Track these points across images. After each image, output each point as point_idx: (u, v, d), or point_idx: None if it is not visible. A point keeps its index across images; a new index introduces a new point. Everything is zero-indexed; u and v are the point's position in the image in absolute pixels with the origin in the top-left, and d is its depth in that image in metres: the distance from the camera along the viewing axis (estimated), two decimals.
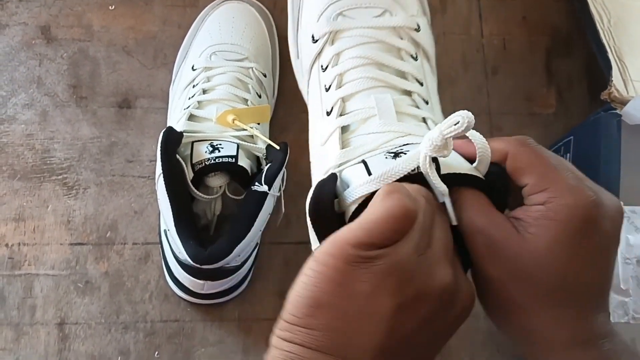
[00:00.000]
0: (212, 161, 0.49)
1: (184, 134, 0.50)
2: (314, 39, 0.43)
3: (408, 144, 0.36)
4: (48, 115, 0.62)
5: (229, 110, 0.52)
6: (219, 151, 0.50)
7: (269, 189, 0.49)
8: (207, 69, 0.56)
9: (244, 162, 0.50)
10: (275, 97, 0.62)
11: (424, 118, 0.40)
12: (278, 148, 0.50)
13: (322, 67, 0.43)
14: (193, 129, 0.52)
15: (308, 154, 0.45)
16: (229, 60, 0.57)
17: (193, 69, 0.57)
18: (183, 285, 0.54)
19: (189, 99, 0.55)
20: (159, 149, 0.47)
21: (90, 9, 0.66)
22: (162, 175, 0.47)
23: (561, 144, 0.61)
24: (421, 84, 0.41)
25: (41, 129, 0.62)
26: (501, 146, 0.33)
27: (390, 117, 0.38)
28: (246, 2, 0.63)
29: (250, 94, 0.56)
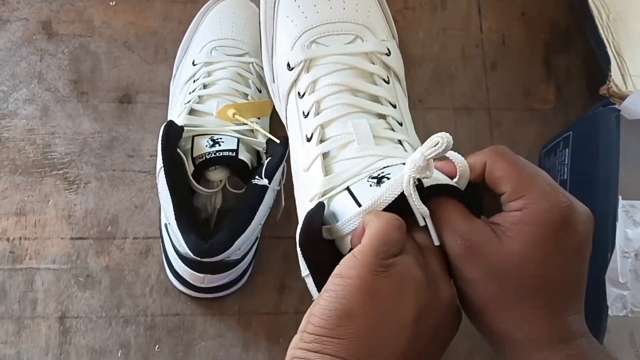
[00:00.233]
0: (213, 155, 0.49)
1: (184, 128, 0.50)
2: (289, 67, 0.44)
3: (387, 166, 0.38)
4: (49, 110, 0.62)
5: (229, 104, 0.53)
6: (220, 145, 0.50)
7: (269, 183, 0.49)
8: (208, 64, 0.57)
9: (244, 156, 0.51)
10: None
11: (399, 140, 0.41)
12: (278, 142, 0.51)
13: (299, 93, 0.44)
14: (194, 123, 0.52)
15: None
16: (229, 55, 0.58)
17: (194, 64, 0.57)
18: (183, 279, 0.54)
19: (190, 93, 0.55)
20: (160, 142, 0.47)
21: (91, 4, 0.66)
22: (162, 168, 0.47)
23: (560, 139, 0.61)
24: (394, 107, 0.43)
25: (42, 123, 0.62)
26: (479, 158, 0.35)
27: (368, 142, 0.40)
28: None
29: (251, 88, 0.56)
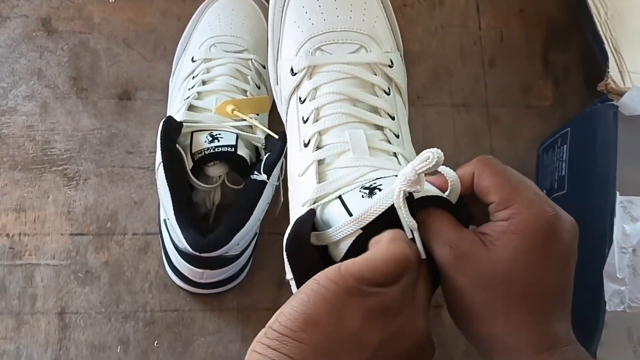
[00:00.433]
0: (212, 150, 0.50)
1: (183, 123, 0.51)
2: (292, 72, 0.45)
3: (380, 177, 0.39)
4: (49, 106, 0.63)
5: (228, 100, 0.53)
6: (218, 141, 0.50)
7: (267, 178, 0.49)
8: (207, 60, 0.57)
9: (243, 151, 0.51)
10: None
11: (394, 152, 0.42)
12: (277, 137, 0.51)
13: (300, 99, 0.45)
14: (193, 119, 0.52)
15: None
16: (228, 51, 0.58)
17: (193, 61, 0.58)
18: (182, 274, 0.54)
19: (189, 89, 0.55)
20: (159, 138, 0.48)
21: (91, 1, 0.66)
22: (161, 164, 0.48)
23: (558, 135, 0.61)
24: (393, 118, 0.44)
25: (42, 120, 0.62)
26: (467, 169, 0.36)
27: (363, 152, 0.41)
28: None
29: (250, 85, 0.56)
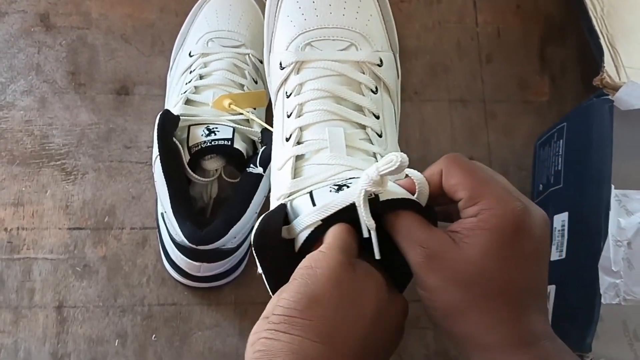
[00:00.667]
0: (208, 144, 0.50)
1: (180, 117, 0.51)
2: (281, 66, 0.45)
3: (353, 177, 0.39)
4: (47, 101, 0.63)
5: (225, 94, 0.53)
6: (215, 134, 0.50)
7: (264, 171, 0.49)
8: (204, 55, 0.57)
9: (239, 145, 0.51)
10: None
11: (374, 153, 0.42)
12: (273, 131, 0.51)
13: (286, 93, 0.45)
14: (190, 112, 0.52)
15: None
16: (225, 46, 0.58)
17: (190, 55, 0.58)
18: (180, 268, 0.54)
19: (186, 84, 0.55)
20: (156, 131, 0.48)
21: None
22: (158, 157, 0.48)
23: (554, 130, 0.61)
24: (377, 117, 0.44)
25: (40, 115, 0.62)
26: (435, 168, 0.36)
27: (340, 151, 0.41)
28: None
29: (247, 79, 0.56)
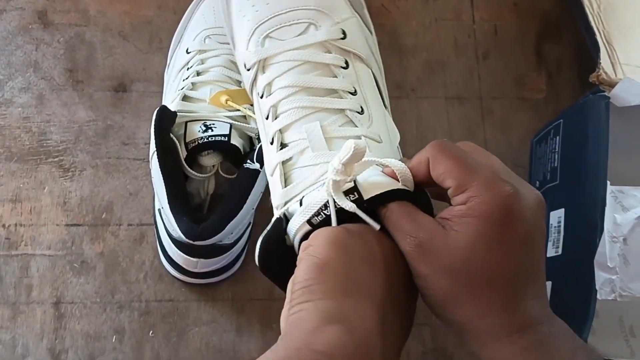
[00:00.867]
0: (205, 140, 0.50)
1: (177, 113, 0.51)
2: (246, 67, 0.44)
3: None
4: (45, 98, 0.63)
5: (222, 91, 0.53)
6: (212, 130, 0.51)
7: (261, 167, 0.49)
8: (201, 51, 0.57)
9: (236, 141, 0.51)
10: None
11: (359, 136, 0.40)
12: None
13: (259, 94, 0.43)
14: (187, 109, 0.52)
15: None
16: (222, 43, 0.58)
17: (187, 52, 0.58)
18: (177, 264, 0.54)
19: (183, 80, 0.56)
20: (153, 126, 0.48)
21: None
22: (155, 152, 0.48)
23: (551, 127, 0.62)
24: (354, 93, 0.42)
25: (38, 112, 0.62)
26: (422, 156, 0.35)
27: (321, 148, 0.39)
28: None
29: None
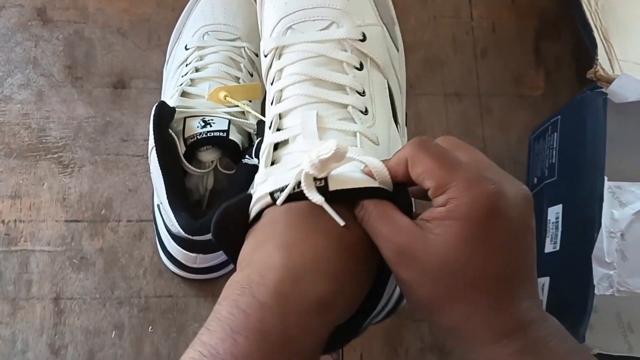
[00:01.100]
0: (204, 135, 0.50)
1: (176, 109, 0.51)
2: (264, 54, 0.44)
3: None
4: (44, 95, 0.63)
5: (221, 87, 0.53)
6: (211, 126, 0.51)
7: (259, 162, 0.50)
8: (200, 48, 0.57)
9: (235, 137, 0.51)
10: None
11: (355, 132, 0.40)
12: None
13: (270, 81, 0.44)
14: (185, 104, 0.53)
15: None
16: (221, 39, 0.58)
17: (186, 49, 0.58)
18: (176, 259, 0.55)
19: (182, 76, 0.56)
20: (152, 122, 0.48)
21: None
22: (154, 148, 0.48)
23: (549, 123, 0.62)
24: (362, 94, 0.42)
25: (37, 108, 0.63)
26: (401, 156, 0.34)
27: (313, 136, 0.39)
28: None
29: (242, 72, 0.57)
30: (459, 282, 0.31)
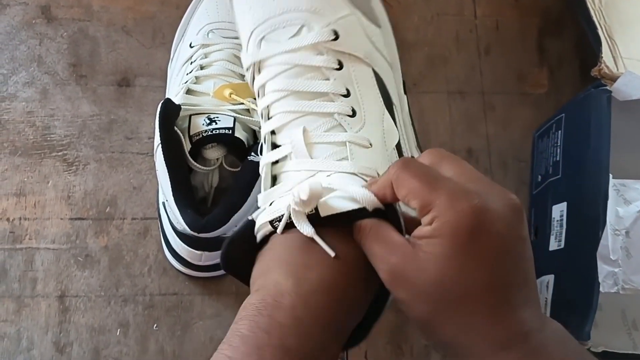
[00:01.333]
0: (210, 132, 0.50)
1: (181, 107, 0.51)
2: (246, 68, 0.43)
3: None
4: (48, 93, 0.63)
5: (226, 84, 0.54)
6: (216, 123, 0.51)
7: None
8: (205, 45, 0.58)
9: (240, 134, 0.51)
10: None
11: (345, 142, 0.39)
12: None
13: (258, 93, 0.43)
14: (191, 102, 0.53)
15: None
16: (226, 37, 0.58)
17: (191, 46, 0.58)
18: (181, 257, 0.55)
19: (187, 74, 0.56)
20: (157, 119, 0.48)
21: None
22: (160, 145, 0.48)
23: (553, 121, 0.62)
24: (347, 95, 0.41)
25: (41, 106, 0.63)
26: (385, 180, 0.34)
27: (303, 155, 0.39)
28: None
29: None
30: (451, 299, 0.31)
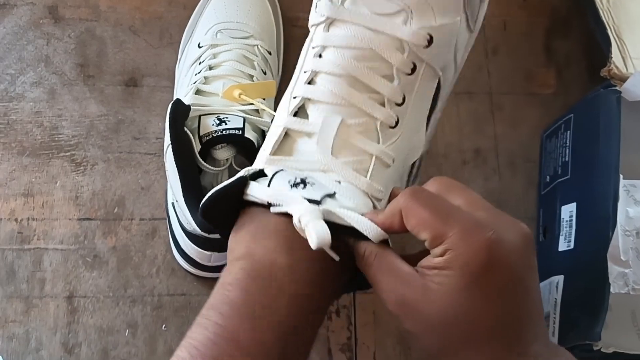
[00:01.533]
0: (219, 133, 0.50)
1: (191, 107, 0.51)
2: (311, 22, 0.40)
3: (315, 183, 0.35)
4: (56, 93, 0.63)
5: (235, 85, 0.53)
6: (226, 124, 0.51)
7: None
8: (213, 46, 0.57)
9: (250, 134, 0.51)
10: (280, 75, 0.62)
11: (371, 155, 0.37)
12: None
13: (308, 52, 0.39)
14: (200, 102, 0.52)
15: None
16: (234, 37, 0.58)
17: (199, 47, 0.58)
18: (190, 257, 0.55)
19: (196, 74, 0.56)
20: (167, 119, 0.48)
21: None
22: (170, 146, 0.48)
23: (561, 121, 0.62)
24: (400, 104, 0.38)
25: (49, 106, 0.63)
26: (395, 208, 0.33)
27: (326, 147, 0.36)
28: None
29: (256, 70, 0.57)
30: (461, 332, 0.31)
